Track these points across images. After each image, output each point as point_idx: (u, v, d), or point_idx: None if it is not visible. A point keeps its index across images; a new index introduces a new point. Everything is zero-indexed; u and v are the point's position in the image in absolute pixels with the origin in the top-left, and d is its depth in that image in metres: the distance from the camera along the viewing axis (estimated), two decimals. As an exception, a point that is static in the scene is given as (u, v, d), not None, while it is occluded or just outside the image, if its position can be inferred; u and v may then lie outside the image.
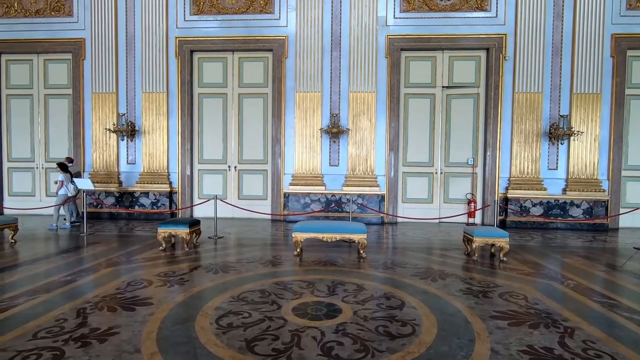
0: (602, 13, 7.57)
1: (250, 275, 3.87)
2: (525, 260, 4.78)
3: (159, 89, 8.25)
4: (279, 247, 5.56)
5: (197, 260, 4.58)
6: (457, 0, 7.87)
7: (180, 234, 5.10)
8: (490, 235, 4.76)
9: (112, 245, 5.51)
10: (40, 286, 3.44)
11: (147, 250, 5.12)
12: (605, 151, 7.71)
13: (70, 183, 7.06)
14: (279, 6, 8.12)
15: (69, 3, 8.42)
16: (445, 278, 3.86)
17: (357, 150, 7.99)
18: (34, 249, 5.17)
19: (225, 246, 5.52)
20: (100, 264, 4.34)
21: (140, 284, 3.53)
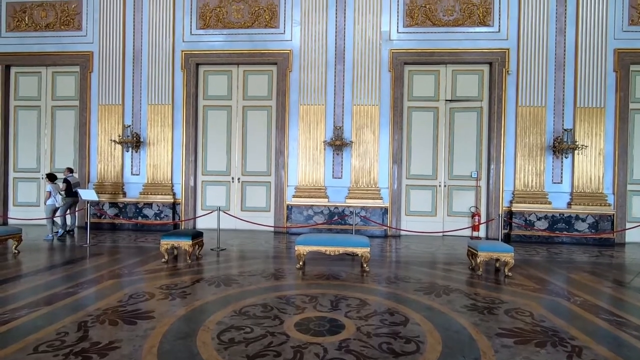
0: (605, 28, 7.62)
1: (252, 289, 3.85)
2: (531, 275, 4.72)
3: (164, 101, 8.35)
4: (282, 259, 5.53)
5: (199, 272, 4.56)
6: (459, 16, 7.96)
7: (183, 246, 5.09)
8: (495, 250, 4.72)
9: (115, 256, 5.51)
10: (42, 298, 3.43)
11: (150, 262, 5.11)
12: (610, 165, 7.67)
13: (59, 194, 7.11)
14: (284, 21, 8.25)
15: (79, 17, 8.60)
16: (449, 293, 3.81)
17: (360, 162, 8.00)
18: (37, 260, 5.17)
19: (228, 258, 5.49)
20: (103, 275, 4.33)
21: (142, 296, 3.52)
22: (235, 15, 8.33)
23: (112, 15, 8.38)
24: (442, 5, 7.97)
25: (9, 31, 8.72)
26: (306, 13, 8.07)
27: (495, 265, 5.00)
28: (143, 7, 8.40)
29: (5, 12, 8.71)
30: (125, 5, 8.40)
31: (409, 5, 8.04)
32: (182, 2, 8.37)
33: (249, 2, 8.29)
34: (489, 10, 7.91)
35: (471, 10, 7.92)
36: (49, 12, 8.63)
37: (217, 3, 8.34)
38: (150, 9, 8.33)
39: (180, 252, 5.51)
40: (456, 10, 7.96)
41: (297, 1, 8.15)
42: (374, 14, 7.98)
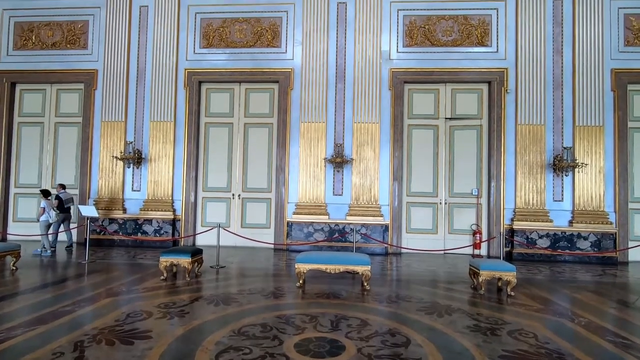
0: (601, 49, 7.76)
1: (251, 308, 3.79)
2: (534, 295, 4.66)
3: (167, 118, 8.43)
4: (282, 277, 5.47)
5: (198, 290, 4.51)
6: (458, 36, 8.12)
7: (182, 263, 5.05)
8: (497, 269, 4.67)
9: (113, 273, 5.46)
10: (39, 317, 3.38)
11: (149, 279, 5.06)
12: (610, 183, 7.67)
13: (53, 210, 7.11)
14: (286, 40, 8.42)
15: (85, 37, 8.78)
16: (451, 313, 3.75)
17: (360, 180, 8.01)
18: (35, 277, 5.12)
19: (227, 276, 5.44)
20: (100, 293, 4.28)
21: (139, 315, 3.47)
22: (238, 35, 8.50)
23: (118, 34, 8.56)
24: (441, 26, 8.14)
25: (16, 49, 8.89)
26: (307, 33, 8.24)
27: (497, 284, 4.94)
28: (148, 26, 8.59)
29: (14, 32, 8.91)
30: (131, 25, 8.59)
31: (409, 26, 8.21)
32: (186, 22, 8.56)
33: (252, 22, 8.48)
34: (487, 31, 8.07)
35: (469, 31, 8.08)
36: (56, 31, 8.82)
37: (220, 23, 8.53)
38: (155, 28, 8.51)
39: (180, 269, 5.46)
40: (455, 31, 8.12)
41: (299, 22, 8.33)
42: (374, 34, 8.14)
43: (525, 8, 7.90)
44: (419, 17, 8.20)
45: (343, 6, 8.30)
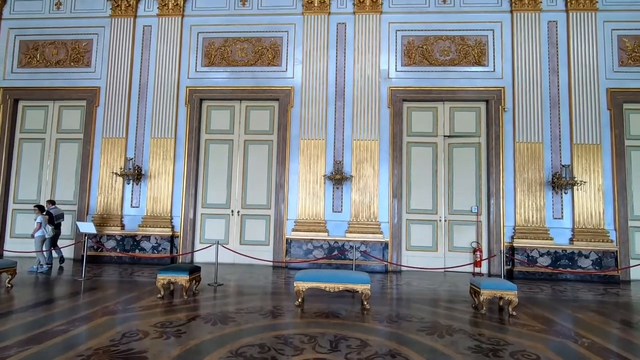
0: (596, 69, 7.89)
1: (249, 328, 3.73)
2: (536, 314, 4.60)
3: (167, 135, 8.48)
4: (280, 296, 5.40)
5: (195, 309, 4.45)
6: (455, 56, 8.27)
7: (180, 281, 4.99)
8: (498, 288, 4.62)
9: (110, 291, 5.39)
10: (33, 336, 3.32)
11: (145, 297, 4.99)
12: (609, 201, 7.67)
13: (48, 225, 7.08)
14: (286, 59, 8.56)
15: (88, 55, 8.93)
16: (452, 334, 3.69)
17: (360, 197, 8.01)
18: (30, 295, 5.05)
19: (225, 294, 5.37)
20: (96, 312, 4.21)
21: (135, 335, 3.41)
22: (239, 54, 8.64)
23: (121, 53, 8.70)
24: (438, 46, 8.30)
25: (21, 67, 9.02)
26: (308, 52, 8.39)
27: (498, 303, 4.88)
28: (151, 45, 8.74)
29: (19, 50, 9.05)
30: (134, 44, 8.75)
31: (407, 46, 8.37)
32: (188, 42, 8.72)
33: (253, 42, 8.64)
34: (484, 51, 8.22)
35: (466, 51, 8.23)
36: (60, 49, 8.97)
37: (222, 42, 8.69)
38: (158, 47, 8.66)
39: (177, 287, 5.39)
40: (452, 51, 8.28)
41: (299, 41, 8.49)
42: (373, 53, 8.29)
43: (521, 29, 8.08)
44: (417, 38, 8.37)
45: (342, 26, 8.48)
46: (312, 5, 8.45)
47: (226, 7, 8.75)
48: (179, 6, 8.70)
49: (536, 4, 8.10)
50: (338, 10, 8.52)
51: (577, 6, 8.02)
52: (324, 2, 8.45)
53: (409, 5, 8.43)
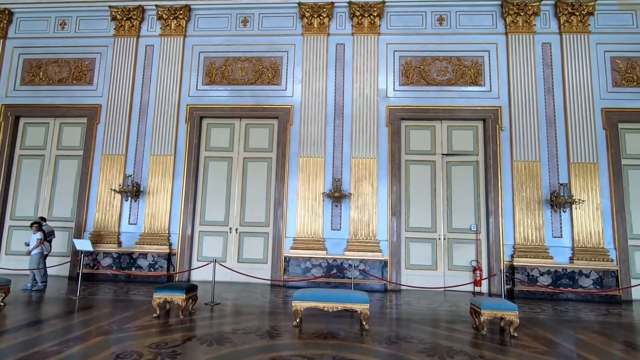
0: (591, 89, 8.03)
1: (246, 349, 3.66)
2: (537, 335, 4.53)
3: (167, 152, 8.52)
4: (278, 315, 5.32)
5: (191, 329, 4.37)
6: (452, 76, 8.41)
7: (176, 300, 4.92)
8: (499, 308, 4.56)
9: (105, 310, 5.30)
10: (24, 357, 3.24)
11: (141, 317, 4.90)
12: (608, 220, 7.67)
13: (45, 242, 7.06)
14: (286, 78, 8.69)
15: (91, 73, 9.05)
16: (453, 356, 3.62)
17: (359, 214, 7.99)
18: (23, 314, 4.96)
19: (222, 314, 5.29)
20: (90, 332, 4.13)
21: (129, 356, 3.33)
22: (240, 73, 8.78)
23: (123, 71, 8.83)
24: (435, 66, 8.46)
25: (23, 85, 9.13)
26: (307, 72, 8.53)
27: (499, 324, 4.81)
28: (153, 64, 8.88)
29: (22, 68, 9.18)
30: (136, 63, 8.89)
31: (404, 66, 8.52)
32: (190, 61, 8.86)
33: (253, 61, 8.79)
34: (480, 71, 8.38)
35: (463, 71, 8.39)
36: (63, 68, 9.11)
37: (223, 62, 8.84)
38: (160, 66, 8.80)
39: (173, 306, 5.30)
40: (449, 71, 8.43)
41: (299, 61, 8.64)
42: (371, 73, 8.43)
43: (516, 51, 8.25)
44: (415, 58, 8.53)
45: (341, 47, 8.66)
46: (311, 26, 8.65)
47: (227, 28, 8.94)
48: (181, 27, 8.89)
49: (530, 26, 8.30)
50: (337, 31, 8.71)
51: (570, 29, 8.22)
52: (323, 24, 8.65)
53: (406, 26, 8.63)
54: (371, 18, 8.55)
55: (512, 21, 8.33)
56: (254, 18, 8.94)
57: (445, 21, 8.60)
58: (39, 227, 7.15)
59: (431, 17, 8.62)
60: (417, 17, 8.65)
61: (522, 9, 8.27)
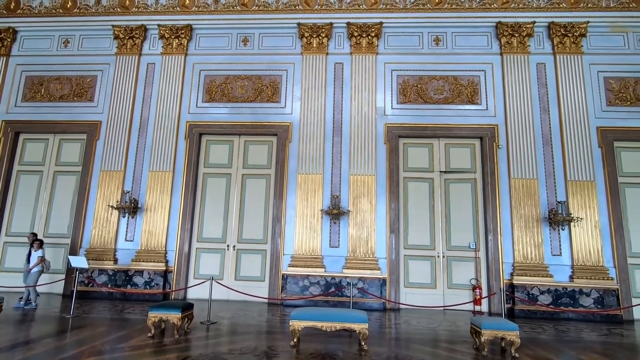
0: (585, 108, 8.14)
1: (242, 370, 3.58)
2: (539, 356, 4.45)
3: (166, 168, 8.53)
4: (275, 335, 5.22)
5: (186, 349, 4.28)
6: (449, 94, 8.54)
7: (172, 319, 4.83)
8: (499, 328, 4.50)
9: (98, 329, 5.19)
10: (14, 379, 3.16)
11: (135, 336, 4.81)
12: (607, 238, 7.65)
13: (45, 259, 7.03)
14: (285, 96, 8.80)
15: (92, 90, 9.15)
16: (454, 377, 3.55)
17: (357, 231, 7.96)
18: (15, 333, 4.86)
19: (218, 333, 5.19)
20: (83, 352, 4.04)
21: (122, 378, 3.25)
22: (240, 91, 8.89)
23: (124, 88, 8.93)
24: (432, 85, 8.60)
25: (25, 101, 9.20)
26: (306, 90, 8.65)
27: (500, 344, 4.73)
28: (154, 82, 9.00)
29: (24, 85, 9.28)
30: (137, 80, 9.00)
31: (402, 85, 8.65)
32: (190, 79, 8.99)
33: (253, 79, 8.92)
34: (476, 90, 8.51)
35: (460, 90, 8.52)
36: (65, 85, 9.20)
37: (223, 80, 8.96)
38: (161, 83, 8.91)
39: (168, 325, 5.20)
40: (446, 90, 8.56)
41: (298, 79, 8.77)
42: (369, 91, 8.55)
43: (511, 70, 8.41)
44: (412, 77, 8.68)
45: (340, 66, 8.81)
46: (310, 46, 8.82)
47: (228, 47, 9.11)
48: (182, 45, 9.05)
49: (524, 47, 8.49)
50: (336, 50, 8.88)
51: (564, 50, 8.41)
52: (322, 44, 8.82)
53: (403, 47, 8.81)
54: (369, 38, 8.73)
55: (506, 42, 8.52)
56: (254, 37, 9.12)
57: (441, 42, 8.79)
58: (40, 244, 7.11)
59: (428, 38, 8.82)
60: (414, 38, 8.84)
61: (516, 31, 8.47)
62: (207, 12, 9.13)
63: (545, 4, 8.57)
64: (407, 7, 8.80)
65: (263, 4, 9.06)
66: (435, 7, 8.75)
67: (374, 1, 8.85)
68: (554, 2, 8.55)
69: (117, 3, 9.29)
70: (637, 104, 8.18)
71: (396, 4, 8.83)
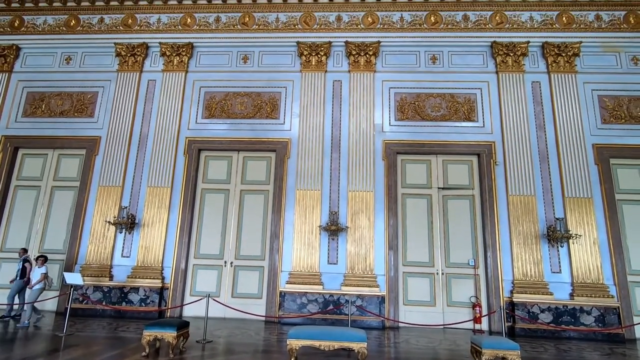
0: (581, 125, 8.24)
1: (238, 391, 3.50)
2: (541, 377, 4.37)
3: (164, 184, 8.52)
4: (272, 354, 5.13)
5: (181, 369, 4.18)
6: (446, 112, 8.64)
7: (167, 337, 4.75)
8: (500, 347, 4.43)
9: (92, 348, 5.09)
10: (4, 400, 3.08)
11: (129, 355, 4.71)
12: (606, 255, 7.62)
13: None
14: (284, 112, 8.89)
15: (93, 106, 9.22)
16: (454, 399, 3.47)
17: (356, 248, 7.91)
18: (5, 352, 4.75)
19: (214, 352, 5.09)
20: (75, 372, 3.95)
21: (115, 399, 3.17)
22: (239, 107, 8.98)
23: (125, 104, 9.00)
24: (430, 103, 8.71)
25: (25, 117, 9.25)
26: (305, 106, 8.74)
27: (501, 364, 4.65)
28: (154, 98, 9.08)
29: (25, 101, 9.35)
30: (138, 97, 9.09)
31: (400, 102, 8.76)
32: (190, 95, 9.08)
33: (253, 96, 9.03)
34: (473, 108, 8.62)
35: (456, 108, 8.62)
36: (66, 101, 9.28)
37: (223, 96, 9.06)
38: (161, 100, 9.00)
39: (163, 344, 5.11)
40: (443, 107, 8.66)
41: (297, 96, 8.88)
42: (367, 109, 8.65)
43: (507, 88, 8.55)
44: (409, 95, 8.79)
45: (338, 83, 8.93)
46: (309, 64, 8.96)
47: (228, 65, 9.25)
48: (183, 63, 9.18)
49: (519, 66, 8.65)
50: (334, 68, 9.02)
51: (558, 68, 8.57)
52: (321, 61, 8.97)
53: (400, 65, 8.97)
54: (367, 56, 8.89)
55: (502, 61, 8.68)
56: (254, 55, 9.27)
57: (438, 60, 8.95)
58: (44, 260, 7.06)
59: (425, 56, 8.98)
60: (411, 56, 9.01)
61: (511, 50, 8.65)
62: (208, 31, 9.31)
63: (539, 25, 8.78)
64: (404, 27, 9.00)
65: (263, 23, 9.26)
66: (432, 27, 8.95)
67: (372, 21, 9.05)
68: (547, 22, 8.77)
69: (120, 21, 9.47)
70: (632, 122, 8.29)
71: (393, 24, 9.03)
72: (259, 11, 9.31)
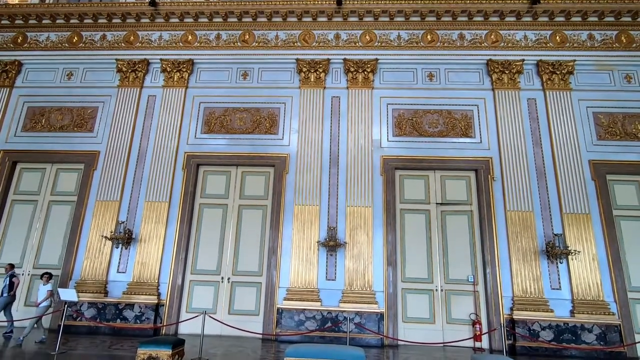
0: (576, 142, 8.32)
1: (234, 412, 3.41)
2: (543, 397, 4.29)
3: (162, 199, 8.50)
4: (269, 374, 5.02)
5: (176, 389, 4.09)
6: (443, 128, 8.72)
7: (162, 355, 4.66)
8: (501, 366, 4.36)
9: (84, 367, 4.98)
10: (-8, 422, 2.99)
11: (122, 375, 4.61)
12: (606, 271, 7.58)
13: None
14: (283, 128, 8.95)
15: (92, 121, 9.27)
16: (455, 420, 3.40)
17: (354, 264, 7.86)
18: (-4, 371, 4.64)
19: (210, 372, 4.99)
20: (67, 392, 3.85)
21: (107, 421, 3.09)
22: (238, 123, 9.05)
23: (124, 119, 9.05)
24: (427, 119, 8.80)
25: (25, 131, 9.28)
26: (304, 122, 8.81)
27: (502, 384, 4.57)
28: (154, 113, 9.14)
29: (25, 115, 9.40)
30: (138, 112, 9.15)
31: (397, 118, 8.85)
32: (190, 111, 9.15)
33: (252, 111, 9.10)
34: (470, 124, 8.71)
35: (454, 124, 8.71)
36: (66, 115, 9.33)
37: (222, 112, 9.13)
38: (161, 115, 9.06)
39: (158, 363, 5.00)
40: (440, 123, 8.75)
41: (296, 112, 8.96)
42: (365, 124, 8.72)
43: (503, 105, 8.66)
44: (407, 111, 8.89)
45: (337, 100, 9.03)
46: (308, 80, 9.08)
47: (228, 81, 9.36)
48: (183, 79, 9.29)
49: (515, 83, 8.79)
50: (333, 85, 9.14)
51: (553, 86, 8.70)
52: (319, 78, 9.09)
53: (398, 82, 9.09)
54: (365, 73, 9.02)
55: (497, 78, 8.82)
56: (253, 72, 9.39)
57: (435, 77, 9.09)
58: (49, 277, 6.99)
59: (422, 74, 9.12)
60: (408, 73, 9.14)
61: (507, 67, 8.80)
62: (209, 48, 9.46)
63: (533, 43, 8.96)
64: (402, 45, 9.17)
65: (263, 40, 9.42)
66: (428, 45, 9.12)
67: (369, 39, 9.22)
68: (541, 41, 8.95)
69: (122, 38, 9.62)
70: (627, 138, 8.38)
71: (391, 42, 9.20)
72: (259, 29, 9.48)
